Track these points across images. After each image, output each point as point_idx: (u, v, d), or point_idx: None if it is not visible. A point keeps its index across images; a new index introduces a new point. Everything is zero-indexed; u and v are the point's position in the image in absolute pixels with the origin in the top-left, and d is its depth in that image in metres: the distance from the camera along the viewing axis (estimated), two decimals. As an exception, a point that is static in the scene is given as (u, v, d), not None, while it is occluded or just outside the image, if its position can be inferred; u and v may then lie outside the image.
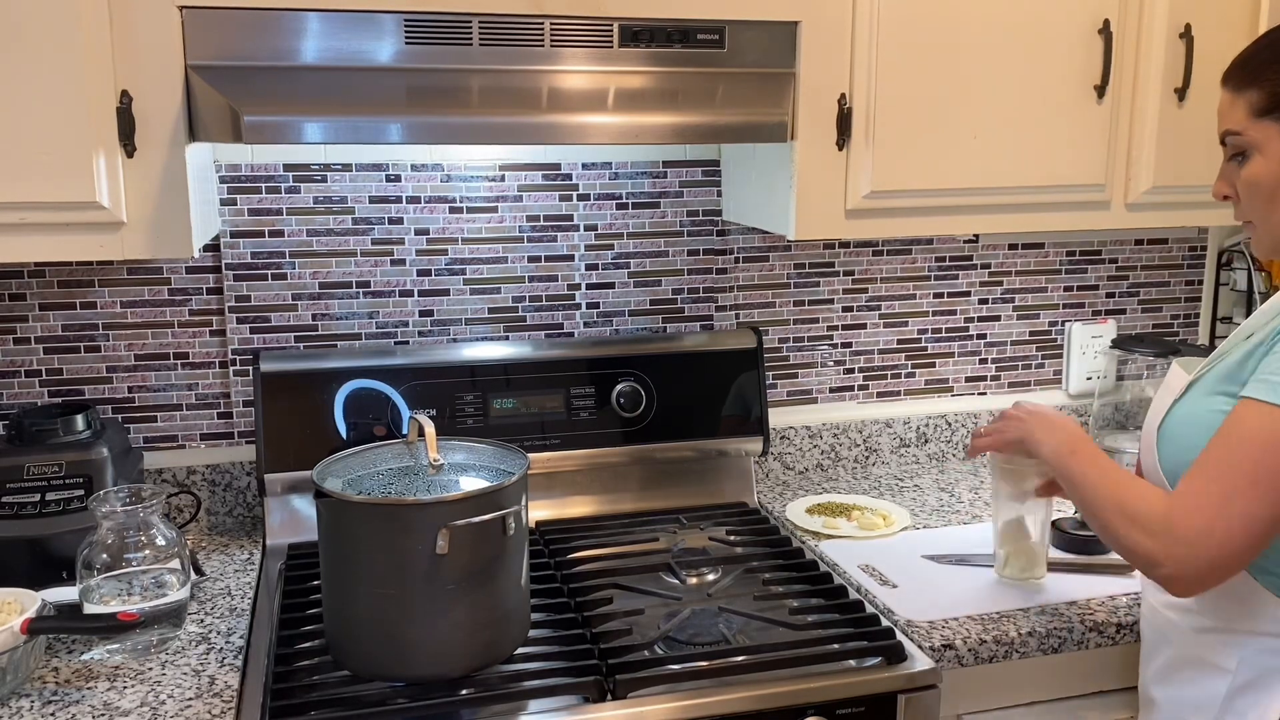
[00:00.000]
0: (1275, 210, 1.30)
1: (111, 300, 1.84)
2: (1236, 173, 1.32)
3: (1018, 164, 1.79)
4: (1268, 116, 1.27)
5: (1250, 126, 1.29)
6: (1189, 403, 1.33)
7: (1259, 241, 1.35)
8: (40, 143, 1.40)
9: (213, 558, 1.78)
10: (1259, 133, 1.28)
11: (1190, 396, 1.33)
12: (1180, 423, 1.33)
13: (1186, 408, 1.33)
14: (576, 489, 1.96)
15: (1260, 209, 1.31)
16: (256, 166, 1.86)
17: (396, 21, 1.50)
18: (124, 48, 1.42)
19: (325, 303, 1.92)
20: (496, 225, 1.97)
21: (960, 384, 2.29)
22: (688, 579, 1.68)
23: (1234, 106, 1.31)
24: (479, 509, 1.33)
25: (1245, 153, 1.30)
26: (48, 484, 1.62)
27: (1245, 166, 1.31)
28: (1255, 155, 1.29)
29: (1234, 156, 1.32)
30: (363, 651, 1.38)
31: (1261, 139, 1.28)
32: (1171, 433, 1.33)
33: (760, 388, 2.00)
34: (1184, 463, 1.27)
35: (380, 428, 1.82)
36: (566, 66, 1.57)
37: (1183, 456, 1.28)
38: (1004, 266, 2.26)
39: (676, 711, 1.36)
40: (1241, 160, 1.31)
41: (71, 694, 1.36)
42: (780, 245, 2.12)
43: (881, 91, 1.70)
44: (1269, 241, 1.34)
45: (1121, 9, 1.79)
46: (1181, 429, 1.32)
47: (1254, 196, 1.31)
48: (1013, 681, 1.57)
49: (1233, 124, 1.31)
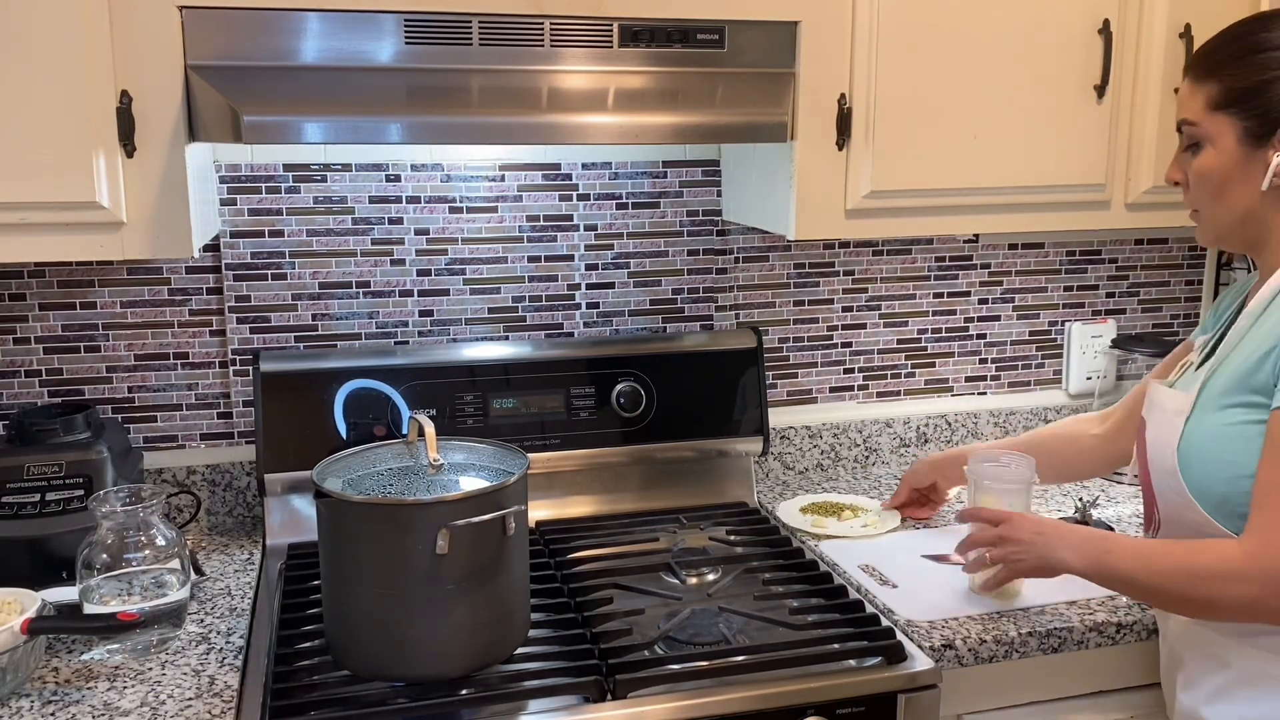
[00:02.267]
0: (1220, 202, 1.33)
1: (111, 300, 1.84)
2: (1190, 161, 1.35)
3: (1018, 164, 1.79)
4: (1223, 110, 1.30)
5: (1206, 118, 1.32)
6: (1203, 419, 1.31)
7: (1203, 230, 1.39)
8: (40, 143, 1.40)
9: (213, 558, 1.78)
10: (1213, 125, 1.31)
11: (1202, 412, 1.31)
12: (1203, 441, 1.30)
13: (1204, 425, 1.30)
14: (576, 489, 1.96)
15: (1206, 199, 1.35)
16: (256, 166, 1.86)
17: (396, 21, 1.50)
18: (124, 48, 1.42)
19: (325, 303, 1.92)
20: (496, 225, 1.97)
21: (960, 384, 2.29)
22: (688, 579, 1.68)
23: (1193, 97, 1.33)
24: (479, 509, 1.33)
25: (1199, 143, 1.33)
26: (48, 484, 1.62)
27: (1198, 157, 1.33)
28: (1207, 147, 1.32)
29: (1189, 146, 1.35)
30: (363, 651, 1.38)
31: (1214, 132, 1.31)
32: (1196, 453, 1.30)
33: (760, 388, 2.00)
34: (1218, 479, 1.27)
35: (380, 428, 1.82)
36: (566, 66, 1.57)
37: (1215, 474, 1.27)
38: (1004, 266, 2.26)
39: (676, 711, 1.36)
40: (1195, 150, 1.34)
41: (71, 694, 1.36)
42: (780, 245, 2.12)
43: (881, 91, 1.70)
44: (1212, 231, 1.38)
45: (1121, 9, 1.79)
46: (1207, 447, 1.29)
47: (1202, 187, 1.34)
48: (1013, 681, 1.57)
49: (1190, 114, 1.34)
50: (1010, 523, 1.46)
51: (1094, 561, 1.35)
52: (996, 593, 1.61)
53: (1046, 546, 1.40)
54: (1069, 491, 2.06)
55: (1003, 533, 1.46)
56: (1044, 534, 1.41)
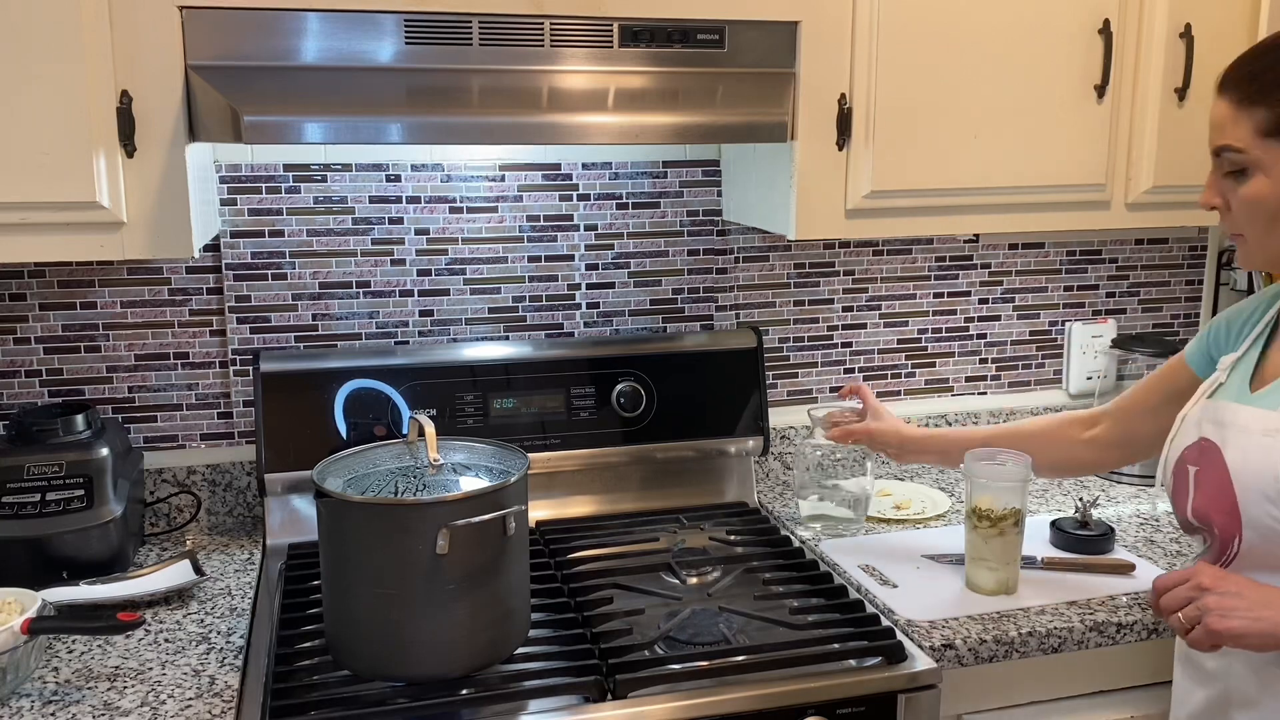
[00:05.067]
0: (1273, 231, 1.26)
1: (111, 300, 1.84)
2: (1232, 187, 1.28)
3: (1018, 164, 1.79)
4: (1275, 137, 1.22)
5: (1255, 145, 1.24)
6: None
7: (1249, 255, 1.32)
8: (40, 143, 1.40)
9: (213, 558, 1.78)
10: (1265, 153, 1.23)
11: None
12: None
13: None
14: (576, 489, 1.96)
15: (1259, 228, 1.27)
16: (256, 166, 1.86)
17: (396, 21, 1.50)
18: (124, 48, 1.42)
19: (325, 303, 1.92)
20: (496, 225, 1.97)
21: (960, 384, 2.29)
22: (688, 579, 1.68)
23: (1236, 122, 1.25)
24: (479, 509, 1.33)
25: (1245, 170, 1.25)
26: (48, 484, 1.62)
27: (1246, 184, 1.26)
28: (1258, 174, 1.24)
29: (1232, 172, 1.27)
30: (363, 651, 1.38)
31: (1268, 160, 1.23)
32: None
33: (760, 388, 2.00)
34: None
35: (380, 428, 1.82)
36: (566, 66, 1.57)
37: None
38: (1004, 266, 2.26)
39: (676, 711, 1.36)
40: (1240, 177, 1.26)
41: (71, 694, 1.36)
42: (780, 245, 2.12)
43: (881, 91, 1.70)
44: (1261, 257, 1.30)
45: (1121, 9, 1.79)
46: None
47: (1252, 215, 1.27)
48: (1013, 681, 1.57)
49: (1235, 140, 1.25)
50: (1199, 575, 1.24)
51: None
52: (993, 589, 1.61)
53: (1265, 606, 1.19)
54: (1069, 491, 2.06)
55: (1201, 582, 1.22)
56: (1252, 587, 1.21)
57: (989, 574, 1.61)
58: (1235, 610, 1.18)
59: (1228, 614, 1.18)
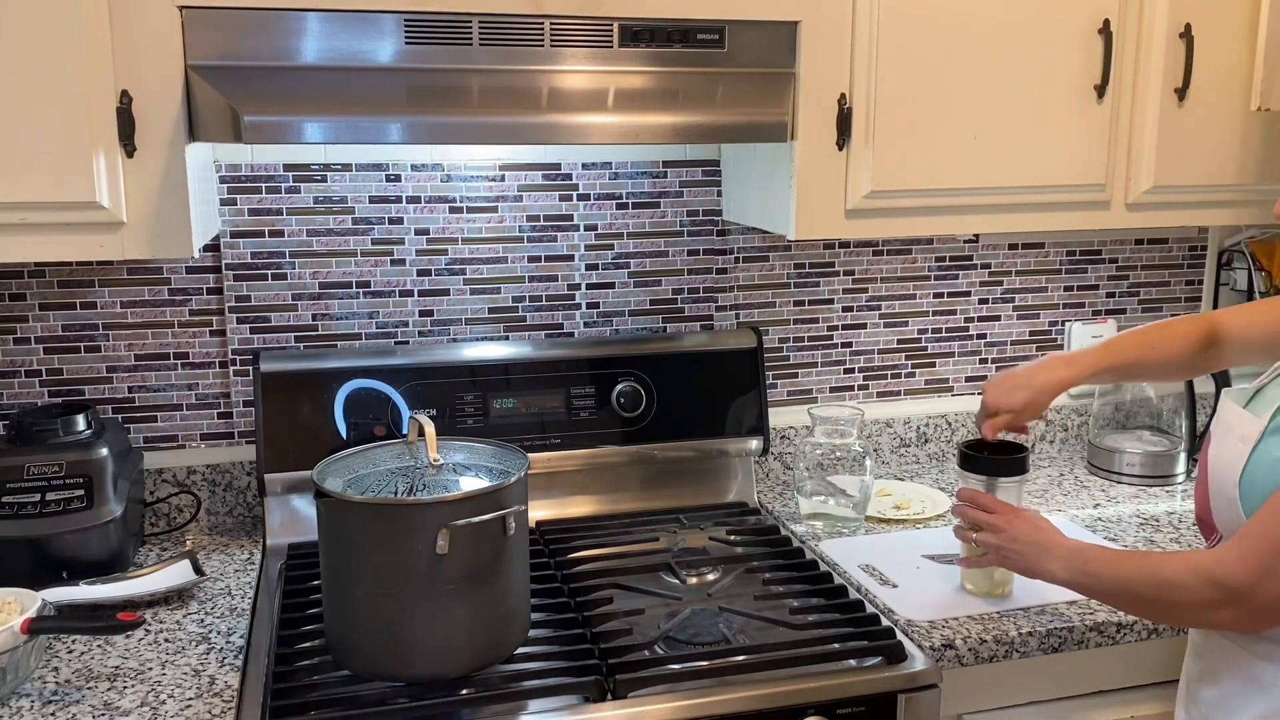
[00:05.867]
0: None
1: (111, 300, 1.84)
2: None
3: (1018, 164, 1.79)
4: None
5: None
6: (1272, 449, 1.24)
7: None
8: (40, 143, 1.40)
9: (213, 558, 1.78)
10: None
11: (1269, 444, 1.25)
12: (1266, 472, 1.24)
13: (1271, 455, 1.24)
14: (576, 489, 1.96)
15: None
16: (256, 166, 1.86)
17: (396, 21, 1.50)
18: (124, 48, 1.42)
19: (325, 303, 1.92)
20: (496, 225, 1.97)
21: (960, 384, 2.29)
22: (688, 579, 1.68)
23: None
24: (479, 509, 1.33)
25: None
26: (48, 484, 1.62)
27: None
28: None
29: None
30: (363, 651, 1.38)
31: None
32: (1259, 484, 1.24)
33: (760, 387, 2.00)
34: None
35: (380, 428, 1.82)
36: (566, 66, 1.57)
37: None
38: (1004, 266, 2.26)
39: (676, 711, 1.36)
40: None
41: (71, 694, 1.36)
42: (780, 245, 2.12)
43: (881, 91, 1.70)
44: None
45: (1121, 9, 1.79)
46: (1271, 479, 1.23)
47: None
48: (1013, 681, 1.57)
49: None
50: (1009, 516, 1.49)
51: (1077, 572, 1.37)
52: (987, 591, 1.62)
53: (1036, 556, 1.43)
54: (1070, 492, 2.06)
55: (1000, 525, 1.49)
56: (1036, 542, 1.44)
57: (984, 575, 1.61)
58: (1010, 561, 1.48)
59: (1007, 558, 1.48)
